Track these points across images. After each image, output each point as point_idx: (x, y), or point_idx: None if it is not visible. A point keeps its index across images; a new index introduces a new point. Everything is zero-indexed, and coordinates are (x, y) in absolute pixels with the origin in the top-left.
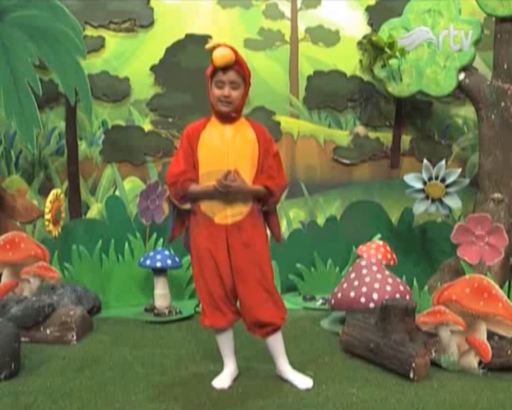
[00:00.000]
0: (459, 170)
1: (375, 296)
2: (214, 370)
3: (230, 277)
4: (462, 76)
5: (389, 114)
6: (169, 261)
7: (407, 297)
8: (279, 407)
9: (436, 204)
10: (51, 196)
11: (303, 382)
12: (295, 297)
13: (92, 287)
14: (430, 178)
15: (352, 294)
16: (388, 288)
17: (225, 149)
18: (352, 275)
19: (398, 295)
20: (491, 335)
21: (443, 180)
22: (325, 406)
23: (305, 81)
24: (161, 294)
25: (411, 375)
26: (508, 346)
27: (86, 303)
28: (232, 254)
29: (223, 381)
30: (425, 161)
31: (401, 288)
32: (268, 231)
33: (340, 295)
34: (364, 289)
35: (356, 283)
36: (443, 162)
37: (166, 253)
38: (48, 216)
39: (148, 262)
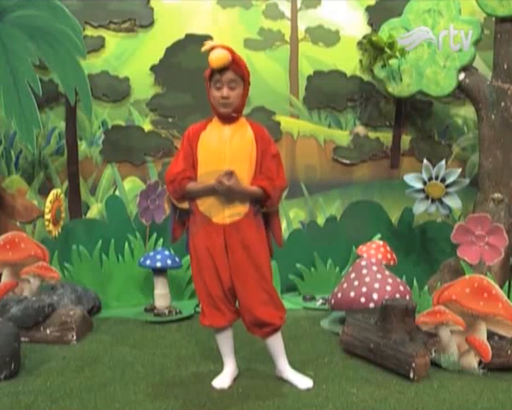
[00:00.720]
0: (459, 170)
1: (375, 296)
2: (214, 370)
3: (229, 276)
4: (462, 76)
5: (389, 114)
6: (169, 261)
7: (407, 297)
8: (279, 407)
9: (436, 204)
10: (51, 196)
11: (303, 382)
12: (295, 297)
13: (92, 287)
14: (430, 178)
15: (352, 294)
16: (388, 288)
17: (223, 149)
18: (352, 275)
19: (398, 295)
20: (491, 335)
21: (443, 180)
22: (325, 406)
23: (305, 81)
24: (161, 294)
25: (411, 375)
26: (508, 346)
27: (86, 303)
28: (230, 254)
29: (223, 381)
30: (425, 161)
31: (401, 288)
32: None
33: (340, 295)
34: (364, 290)
35: (356, 283)
36: (443, 162)
37: (166, 253)
38: (48, 216)
39: (148, 262)
